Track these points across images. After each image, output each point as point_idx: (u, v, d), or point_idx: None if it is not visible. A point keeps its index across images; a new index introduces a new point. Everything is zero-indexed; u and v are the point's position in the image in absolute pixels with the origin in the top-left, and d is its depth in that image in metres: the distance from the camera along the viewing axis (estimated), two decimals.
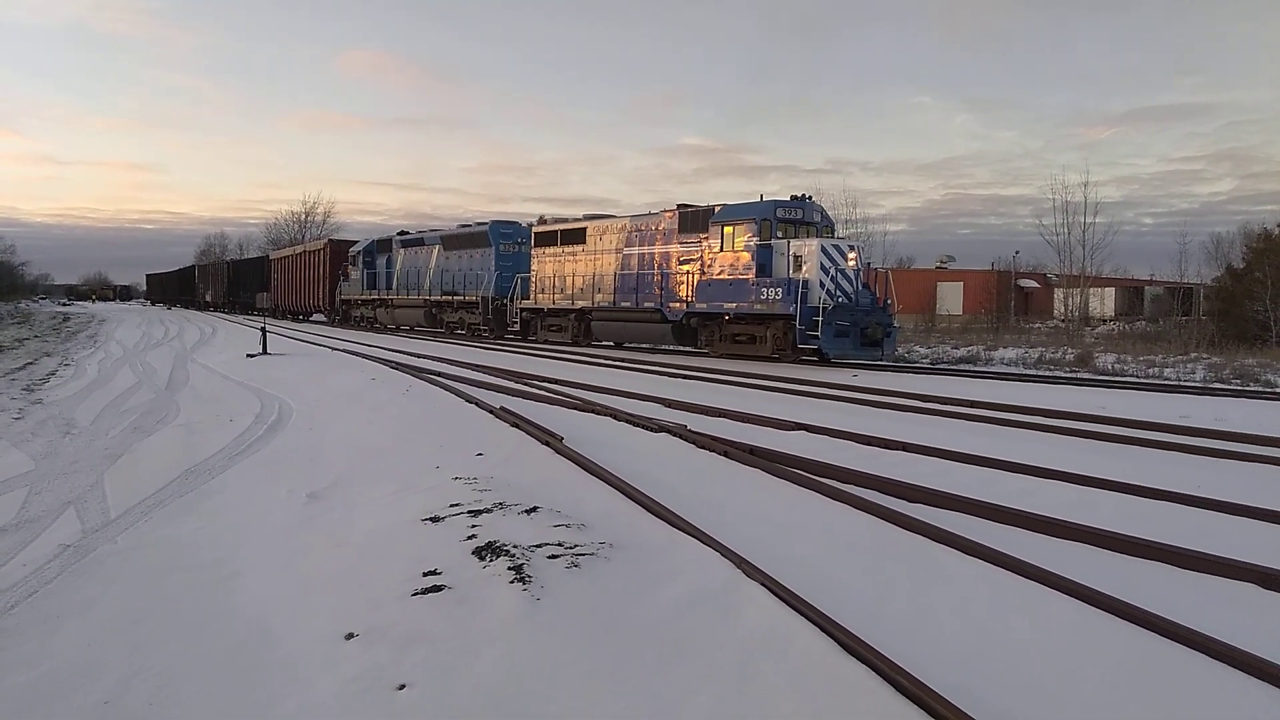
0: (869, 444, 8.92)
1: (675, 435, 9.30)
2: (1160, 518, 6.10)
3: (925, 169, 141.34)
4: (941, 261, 70.22)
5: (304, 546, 6.11)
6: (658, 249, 24.11)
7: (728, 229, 21.59)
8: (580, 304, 26.88)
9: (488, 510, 6.15)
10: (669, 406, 11.88)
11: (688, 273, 22.84)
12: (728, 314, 21.77)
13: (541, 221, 29.27)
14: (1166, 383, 17.49)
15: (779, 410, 11.26)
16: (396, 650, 4.07)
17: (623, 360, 21.32)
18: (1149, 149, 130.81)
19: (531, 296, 29.26)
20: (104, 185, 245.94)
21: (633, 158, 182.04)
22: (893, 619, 4.27)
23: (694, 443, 8.87)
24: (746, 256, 20.97)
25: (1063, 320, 43.98)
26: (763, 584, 4.47)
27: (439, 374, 16.30)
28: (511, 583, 4.65)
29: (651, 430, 9.68)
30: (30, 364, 22.74)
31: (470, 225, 34.95)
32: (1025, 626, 4.15)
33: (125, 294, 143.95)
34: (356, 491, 7.60)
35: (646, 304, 24.24)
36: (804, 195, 21.56)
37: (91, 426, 11.99)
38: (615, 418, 10.71)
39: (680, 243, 23.30)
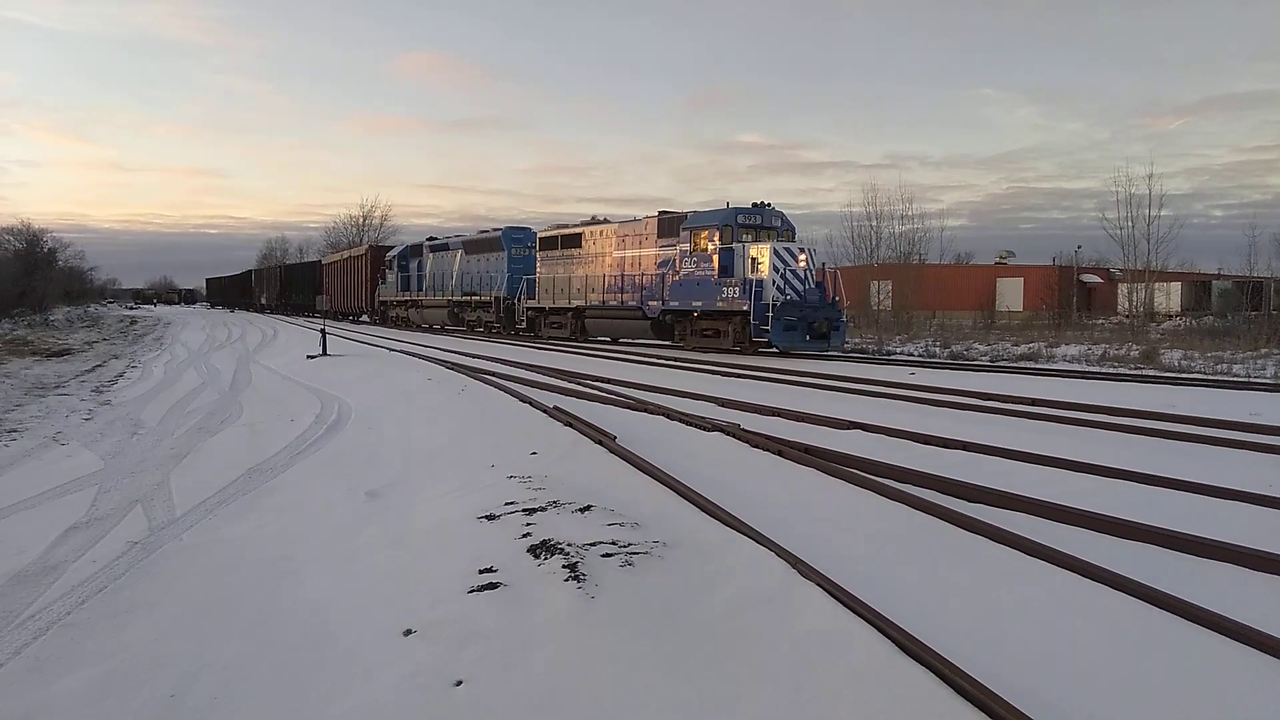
0: (928, 443, 8.78)
1: (728, 434, 9.25)
2: (1231, 518, 5.91)
3: (986, 162, 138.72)
4: (1001, 257, 68.95)
5: (363, 544, 6.20)
6: (641, 252, 26.42)
7: (696, 233, 23.66)
8: (576, 303, 29.33)
9: (542, 509, 6.17)
10: (722, 405, 11.83)
11: (663, 274, 25.02)
12: (696, 311, 23.86)
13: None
14: (1236, 379, 16.97)
15: (834, 409, 11.14)
16: (453, 646, 4.11)
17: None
18: (1221, 139, 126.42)
19: (536, 297, 31.80)
20: (169, 191, 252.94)
21: (687, 156, 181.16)
22: (953, 620, 4.19)
23: (748, 442, 8.81)
24: (713, 259, 22.98)
25: (1127, 316, 42.93)
26: (819, 584, 4.42)
27: (480, 371, 16.43)
28: (566, 581, 4.66)
29: (704, 429, 9.64)
30: (99, 366, 23.42)
31: (488, 231, 37.70)
32: (1090, 629, 4.05)
33: (190, 298, 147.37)
34: (414, 490, 7.69)
35: (630, 303, 26.59)
36: (764, 202, 23.64)
37: (158, 427, 12.31)
38: (668, 416, 10.69)
39: (659, 246, 25.48)
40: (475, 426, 10.65)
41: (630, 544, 5.26)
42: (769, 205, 23.62)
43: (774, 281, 21.54)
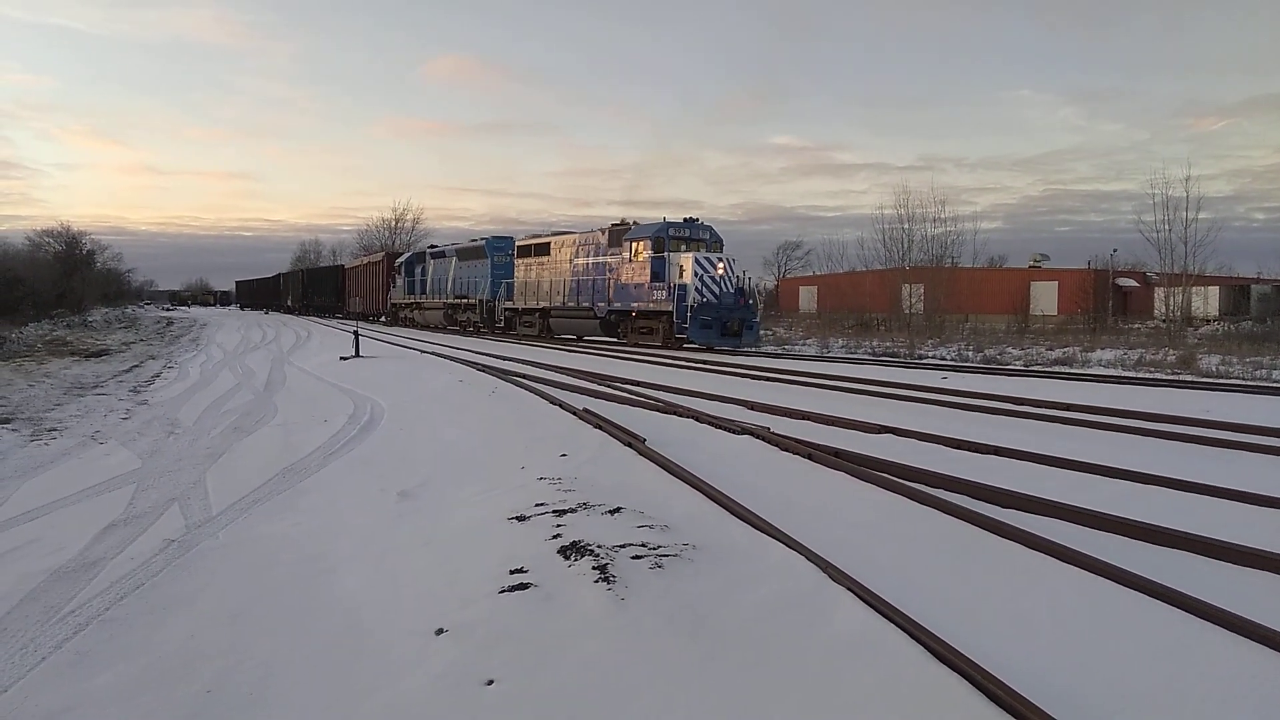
0: (959, 448, 8.72)
1: (758, 437, 9.24)
2: (1270, 526, 5.82)
3: (1023, 164, 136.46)
4: (1035, 260, 68.19)
5: (396, 544, 6.25)
6: (594, 260, 30.01)
7: (635, 244, 27.37)
8: (544, 305, 33.28)
9: (572, 510, 6.20)
10: (751, 408, 11.82)
11: (609, 279, 28.81)
12: (634, 311, 27.57)
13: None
14: (1275, 385, 16.69)
15: (864, 413, 11.09)
16: (484, 646, 4.14)
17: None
18: (1264, 139, 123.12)
19: (513, 299, 35.93)
20: (204, 194, 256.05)
21: (717, 158, 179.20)
22: (985, 626, 4.17)
23: (778, 445, 8.80)
24: (647, 266, 26.67)
25: (1163, 320, 42.35)
26: (849, 588, 4.42)
27: (506, 372, 16.51)
28: (596, 582, 4.69)
29: (734, 432, 9.63)
30: (136, 366, 23.77)
31: (476, 240, 41.83)
32: (1123, 635, 4.01)
33: (225, 299, 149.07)
34: (446, 490, 7.75)
35: (585, 304, 30.32)
36: (694, 218, 27.53)
37: (194, 426, 12.48)
38: (696, 419, 10.69)
39: (608, 255, 29.07)
40: (505, 428, 10.71)
41: (660, 546, 5.27)
42: (698, 220, 27.45)
43: (694, 286, 24.86)
